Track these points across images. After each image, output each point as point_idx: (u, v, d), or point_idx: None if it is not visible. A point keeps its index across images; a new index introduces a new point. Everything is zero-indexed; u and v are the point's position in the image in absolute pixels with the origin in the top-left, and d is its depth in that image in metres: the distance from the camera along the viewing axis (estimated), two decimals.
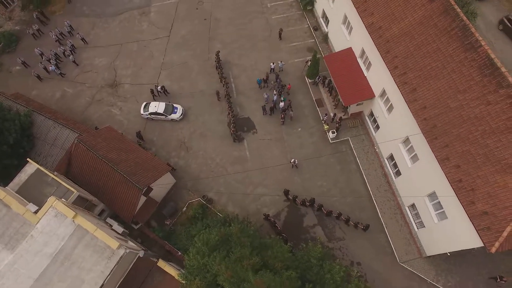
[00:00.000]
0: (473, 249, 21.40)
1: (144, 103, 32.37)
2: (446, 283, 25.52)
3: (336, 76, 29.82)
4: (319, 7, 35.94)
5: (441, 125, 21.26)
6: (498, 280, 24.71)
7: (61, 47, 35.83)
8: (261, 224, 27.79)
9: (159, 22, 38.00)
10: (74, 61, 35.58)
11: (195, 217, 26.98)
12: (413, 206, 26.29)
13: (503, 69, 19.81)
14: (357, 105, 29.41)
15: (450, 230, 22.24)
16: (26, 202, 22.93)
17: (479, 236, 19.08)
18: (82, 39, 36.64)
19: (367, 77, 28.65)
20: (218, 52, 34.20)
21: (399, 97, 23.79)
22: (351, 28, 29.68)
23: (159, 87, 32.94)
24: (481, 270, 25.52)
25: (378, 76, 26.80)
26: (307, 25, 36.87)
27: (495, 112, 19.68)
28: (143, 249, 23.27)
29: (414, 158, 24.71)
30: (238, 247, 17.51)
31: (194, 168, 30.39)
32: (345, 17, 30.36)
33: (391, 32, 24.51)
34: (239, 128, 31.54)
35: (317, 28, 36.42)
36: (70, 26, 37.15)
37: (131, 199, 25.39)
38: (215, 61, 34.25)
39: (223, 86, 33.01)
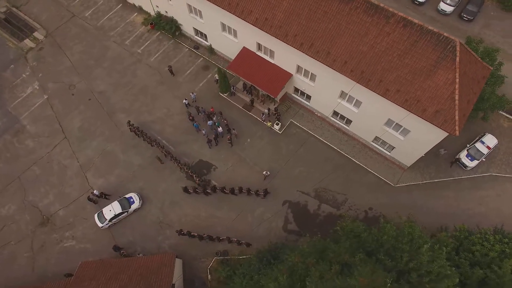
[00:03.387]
0: None
1: (96, 215, 28.89)
2: (430, 175, 30.32)
3: (249, 77, 30.94)
4: (188, 28, 35.90)
5: (367, 68, 24.39)
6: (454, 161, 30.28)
7: None
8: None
9: (43, 130, 33.30)
10: None
11: (227, 277, 26.14)
12: (376, 138, 29.95)
13: (382, 5, 23.48)
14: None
15: (417, 138, 26.24)
16: None
17: (443, 129, 23.20)
18: None
19: (275, 63, 30.46)
20: (129, 121, 31.94)
21: (319, 64, 26.20)
22: (235, 31, 30.76)
23: (95, 191, 29.58)
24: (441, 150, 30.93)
25: (286, 57, 28.79)
26: (187, 49, 36.67)
27: (396, 38, 23.40)
28: None
29: (357, 103, 27.86)
30: (312, 268, 18.11)
31: (196, 232, 28.72)
32: (223, 25, 31.21)
33: (278, 18, 26.33)
34: (200, 174, 30.73)
35: (198, 46, 36.52)
36: None
37: None
38: (132, 131, 32.01)
39: (157, 148, 31.31)
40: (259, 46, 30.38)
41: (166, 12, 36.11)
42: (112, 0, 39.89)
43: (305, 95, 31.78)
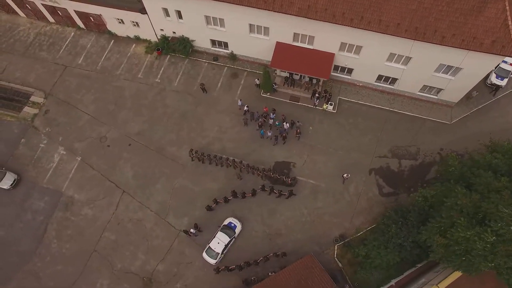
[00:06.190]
0: None
1: (205, 253, 27.11)
2: (474, 103, 33.62)
3: (295, 68, 31.34)
4: (203, 42, 34.72)
5: (419, 23, 26.23)
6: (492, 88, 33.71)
7: None
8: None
9: (96, 193, 30.01)
10: None
11: (365, 255, 26.43)
12: (423, 87, 32.38)
13: None
14: None
15: (468, 73, 28.83)
16: None
17: (502, 55, 26.04)
18: None
19: (314, 48, 31.12)
20: (191, 150, 30.25)
21: (369, 35, 27.48)
22: (267, 29, 30.70)
23: (191, 230, 27.71)
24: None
25: (329, 38, 29.61)
26: (206, 63, 35.51)
27: None
28: None
29: (406, 60, 29.83)
30: (484, 202, 19.82)
31: (306, 230, 28.69)
32: (251, 26, 30.92)
33: (321, 2, 26.88)
34: (283, 174, 30.32)
35: (216, 57, 35.53)
36: None
37: None
38: (196, 158, 30.38)
39: (229, 167, 30.17)
40: (296, 36, 30.74)
41: (174, 32, 34.48)
42: (101, 40, 36.81)
43: (346, 70, 33.00)
